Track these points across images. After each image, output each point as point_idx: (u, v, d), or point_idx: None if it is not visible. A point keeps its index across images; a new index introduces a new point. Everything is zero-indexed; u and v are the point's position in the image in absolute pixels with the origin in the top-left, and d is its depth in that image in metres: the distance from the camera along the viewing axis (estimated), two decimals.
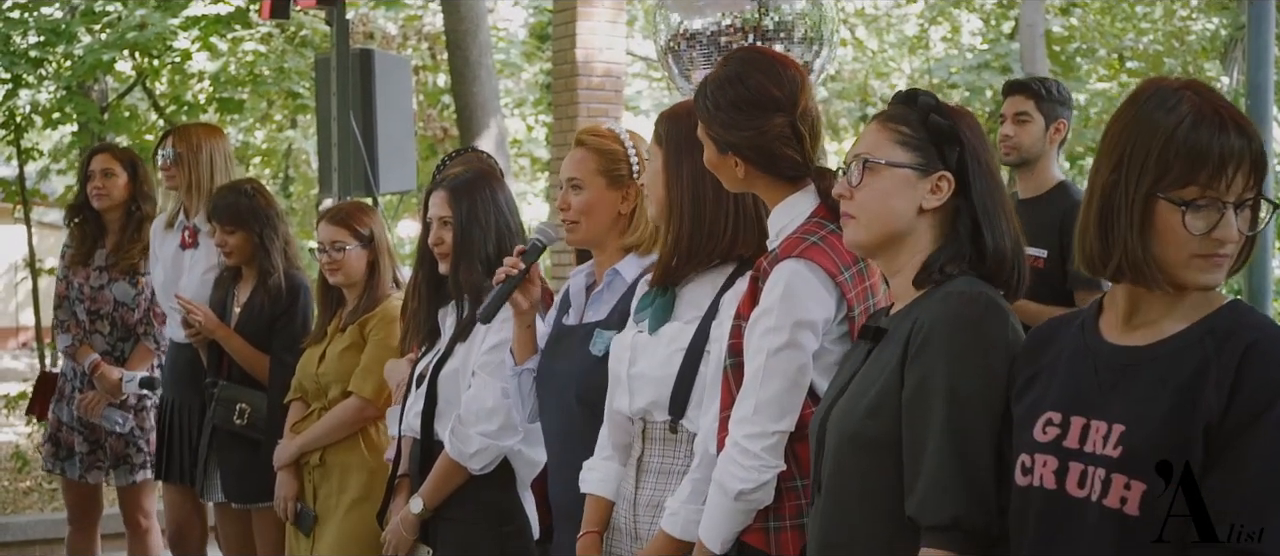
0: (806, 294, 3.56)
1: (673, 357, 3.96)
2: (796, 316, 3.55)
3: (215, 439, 6.62)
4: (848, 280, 3.59)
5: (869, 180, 3.19)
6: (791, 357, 3.56)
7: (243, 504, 6.54)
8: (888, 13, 28.62)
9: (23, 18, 14.54)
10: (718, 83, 3.80)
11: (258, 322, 6.62)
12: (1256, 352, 2.59)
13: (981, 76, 22.23)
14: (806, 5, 6.41)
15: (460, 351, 5.08)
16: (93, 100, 15.50)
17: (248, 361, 6.60)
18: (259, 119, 23.49)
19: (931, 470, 2.90)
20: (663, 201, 4.02)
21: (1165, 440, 2.61)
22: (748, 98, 3.75)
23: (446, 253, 5.08)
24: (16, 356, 27.28)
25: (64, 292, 7.67)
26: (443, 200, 5.12)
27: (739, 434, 3.59)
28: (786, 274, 3.58)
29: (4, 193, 15.90)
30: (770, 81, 3.77)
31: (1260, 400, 2.56)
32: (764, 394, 3.57)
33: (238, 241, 6.63)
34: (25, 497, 12.07)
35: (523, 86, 26.47)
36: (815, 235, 3.61)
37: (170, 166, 7.20)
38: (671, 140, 4.01)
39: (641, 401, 4.02)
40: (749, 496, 3.59)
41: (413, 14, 22.89)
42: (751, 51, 4.00)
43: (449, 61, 15.71)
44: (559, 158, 12.30)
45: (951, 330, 2.95)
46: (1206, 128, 2.64)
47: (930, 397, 2.93)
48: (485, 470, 4.96)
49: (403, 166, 9.30)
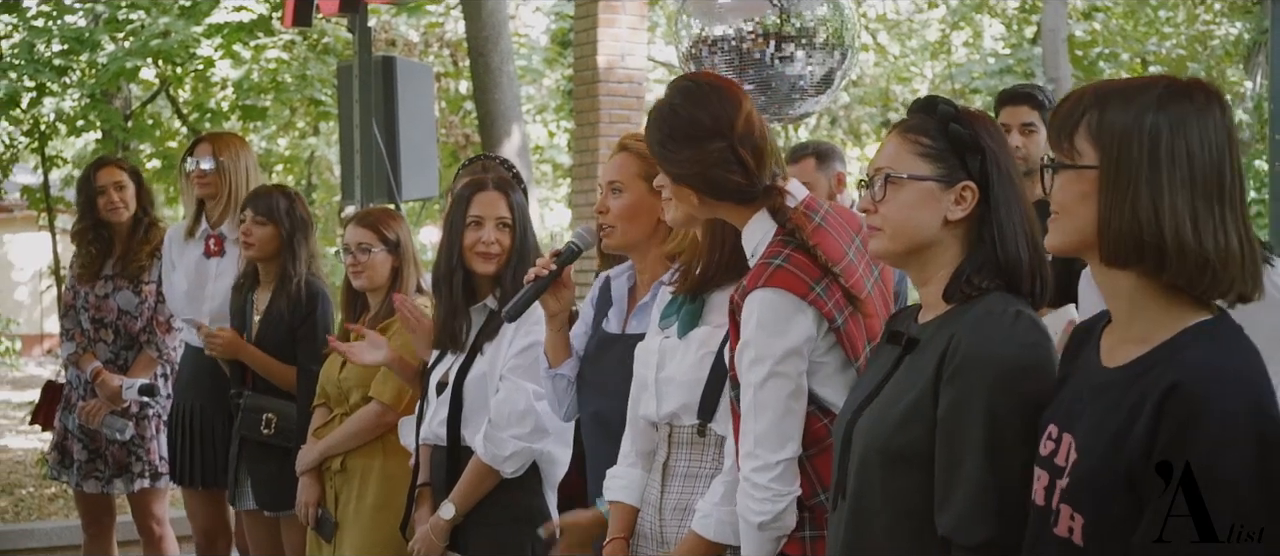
0: (781, 321, 3.59)
1: (703, 361, 3.97)
2: (775, 346, 3.58)
3: (244, 449, 6.63)
4: (821, 294, 3.60)
5: (892, 194, 3.16)
6: (779, 386, 3.58)
7: (274, 512, 6.54)
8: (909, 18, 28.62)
9: (47, 26, 14.61)
10: (656, 117, 3.87)
11: (279, 330, 6.62)
12: (1173, 400, 2.50)
13: (1004, 81, 22.17)
14: (828, 11, 6.40)
15: (487, 352, 5.08)
16: (116, 108, 15.56)
17: (272, 374, 6.62)
18: (282, 126, 23.54)
19: (968, 491, 2.86)
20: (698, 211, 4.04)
21: (1101, 477, 2.59)
22: (682, 129, 3.80)
23: (498, 253, 5.08)
24: (41, 363, 27.36)
25: (71, 302, 7.68)
26: (498, 201, 5.11)
27: (747, 469, 3.63)
28: (757, 305, 3.60)
29: (29, 200, 15.96)
30: (701, 110, 3.81)
31: (1172, 456, 2.49)
32: (760, 427, 3.60)
33: (265, 235, 6.63)
34: (50, 504, 12.10)
35: (544, 92, 26.52)
36: (778, 257, 3.63)
37: (208, 175, 7.21)
38: None
39: (670, 405, 4.03)
40: (770, 527, 3.62)
41: (434, 21, 22.93)
42: (686, 80, 4.01)
43: (471, 68, 15.73)
44: (581, 164, 12.33)
45: (990, 351, 2.91)
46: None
47: (967, 417, 2.88)
48: (517, 473, 4.98)
49: (425, 173, 9.31)
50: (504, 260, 5.08)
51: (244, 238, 6.65)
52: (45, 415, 7.90)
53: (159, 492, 7.72)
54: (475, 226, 5.09)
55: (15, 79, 13.97)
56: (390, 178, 8.95)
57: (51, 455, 7.91)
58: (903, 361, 3.13)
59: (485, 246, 5.07)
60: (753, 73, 6.29)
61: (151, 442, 7.54)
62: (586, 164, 12.23)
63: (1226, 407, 2.46)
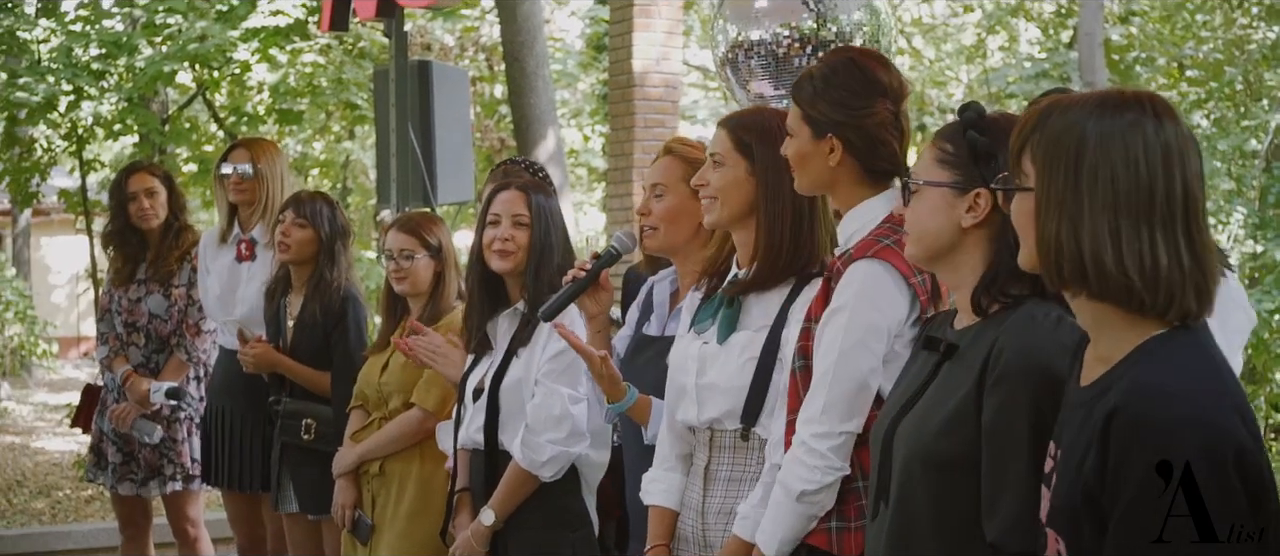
0: (880, 294, 3.57)
1: (746, 366, 3.97)
2: (869, 317, 3.56)
3: (285, 453, 6.65)
4: (921, 283, 3.59)
5: (914, 199, 3.20)
6: (862, 359, 3.56)
7: (318, 515, 6.55)
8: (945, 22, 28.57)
9: (85, 30, 14.66)
10: (827, 67, 3.84)
11: (313, 335, 6.64)
12: (1114, 425, 2.49)
13: (1039, 86, 22.10)
14: (864, 15, 6.40)
15: (522, 357, 5.09)
16: (153, 112, 15.59)
17: (308, 382, 6.63)
18: (317, 130, 23.59)
19: (1015, 499, 2.85)
20: (741, 211, 4.04)
21: (1071, 502, 2.58)
22: (859, 79, 3.78)
23: (514, 251, 5.08)
24: (78, 366, 27.47)
25: (106, 305, 7.74)
26: (517, 199, 5.11)
27: (806, 433, 3.59)
28: (861, 274, 3.59)
29: (66, 204, 16.01)
30: (880, 69, 3.81)
31: (1118, 487, 2.47)
32: (832, 394, 3.57)
33: (304, 238, 6.65)
34: (87, 506, 12.16)
35: (579, 97, 26.52)
36: (889, 238, 3.61)
37: (246, 181, 7.24)
38: (764, 151, 4.03)
39: (713, 411, 4.03)
40: (811, 497, 3.59)
41: (470, 25, 22.96)
42: (858, 48, 4.01)
43: (506, 72, 15.75)
44: (616, 168, 12.33)
45: (1033, 357, 2.90)
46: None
47: (1012, 424, 2.88)
48: (555, 477, 4.99)
49: (460, 177, 9.32)
50: (521, 258, 5.09)
51: (282, 238, 6.65)
52: (84, 418, 7.93)
53: (192, 495, 7.75)
54: (492, 225, 5.11)
55: (53, 83, 14.02)
56: (426, 182, 8.96)
57: (89, 457, 7.96)
58: (942, 367, 3.13)
59: (501, 244, 5.08)
60: (789, 77, 6.28)
61: (183, 445, 7.57)
62: (621, 168, 12.23)
63: (1167, 428, 2.44)
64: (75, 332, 30.62)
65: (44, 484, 13.38)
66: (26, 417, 19.11)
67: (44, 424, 18.28)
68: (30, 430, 17.73)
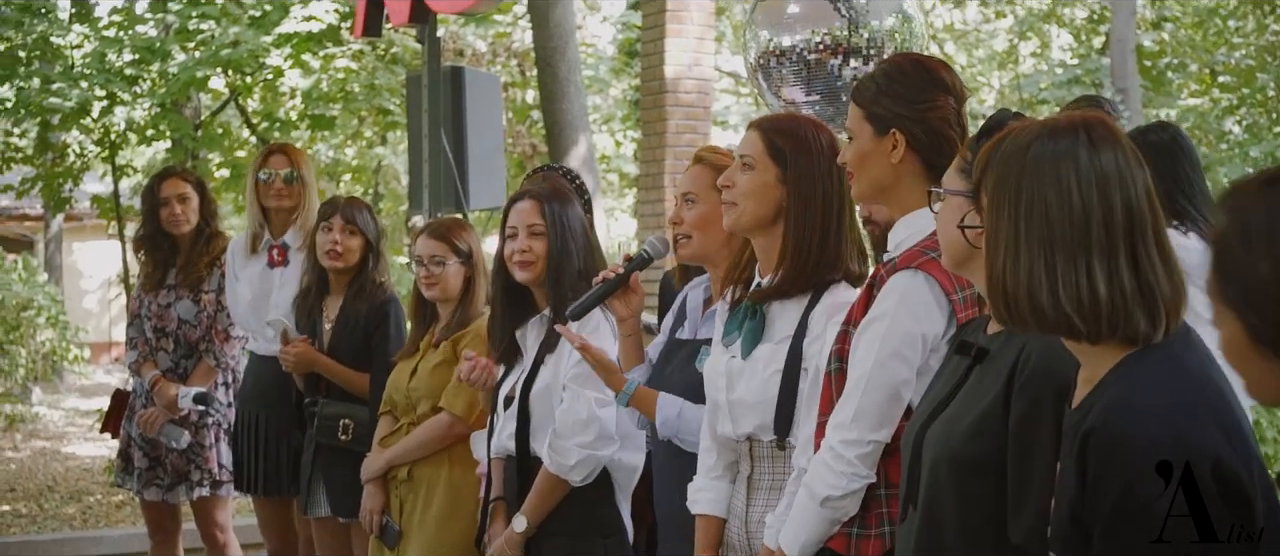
0: (919, 306, 3.56)
1: (771, 380, 3.98)
2: (907, 327, 3.55)
3: (319, 455, 6.65)
4: (961, 300, 3.57)
5: (940, 207, 3.23)
6: (897, 369, 3.55)
7: (349, 518, 6.55)
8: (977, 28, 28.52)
9: (118, 36, 14.73)
10: (889, 66, 3.85)
11: (354, 337, 6.64)
12: (1090, 447, 2.50)
13: (1072, 92, 22.07)
14: (896, 22, 6.39)
15: (550, 364, 5.09)
16: (186, 117, 15.65)
17: (347, 382, 6.63)
18: (349, 136, 23.64)
19: (1040, 502, 2.85)
20: (766, 217, 4.05)
21: (1061, 524, 2.59)
22: (922, 76, 3.78)
23: (532, 261, 5.09)
24: (109, 371, 27.57)
25: (136, 310, 7.73)
26: (531, 210, 5.13)
27: (835, 439, 3.59)
28: (903, 284, 3.58)
29: (99, 209, 16.08)
30: (942, 70, 3.82)
31: (1096, 505, 2.47)
32: (866, 401, 3.56)
33: (356, 246, 6.68)
34: (118, 511, 12.19)
35: (610, 102, 26.54)
36: (934, 250, 3.57)
37: (287, 186, 7.26)
38: (797, 157, 4.03)
39: (747, 426, 4.05)
40: (835, 502, 3.58)
41: (502, 31, 22.99)
42: (919, 53, 4.01)
43: (538, 78, 15.77)
44: (648, 174, 12.32)
45: (1060, 363, 2.90)
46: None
47: (1038, 428, 2.89)
48: (585, 481, 4.98)
49: (492, 183, 9.33)
50: (541, 267, 5.10)
51: (333, 247, 6.65)
52: (114, 423, 7.94)
53: (221, 500, 7.75)
54: (511, 237, 5.14)
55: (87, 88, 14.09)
56: (458, 187, 8.97)
57: (117, 463, 7.97)
58: (973, 372, 3.13)
59: (520, 255, 5.10)
60: (821, 83, 6.27)
61: (210, 450, 7.57)
62: (653, 174, 12.22)
63: (1139, 447, 2.45)
64: (107, 338, 30.73)
65: (75, 489, 13.43)
66: (58, 423, 19.19)
67: (75, 429, 18.35)
68: (61, 435, 17.80)
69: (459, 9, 9.77)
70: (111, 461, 10.00)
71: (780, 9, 6.45)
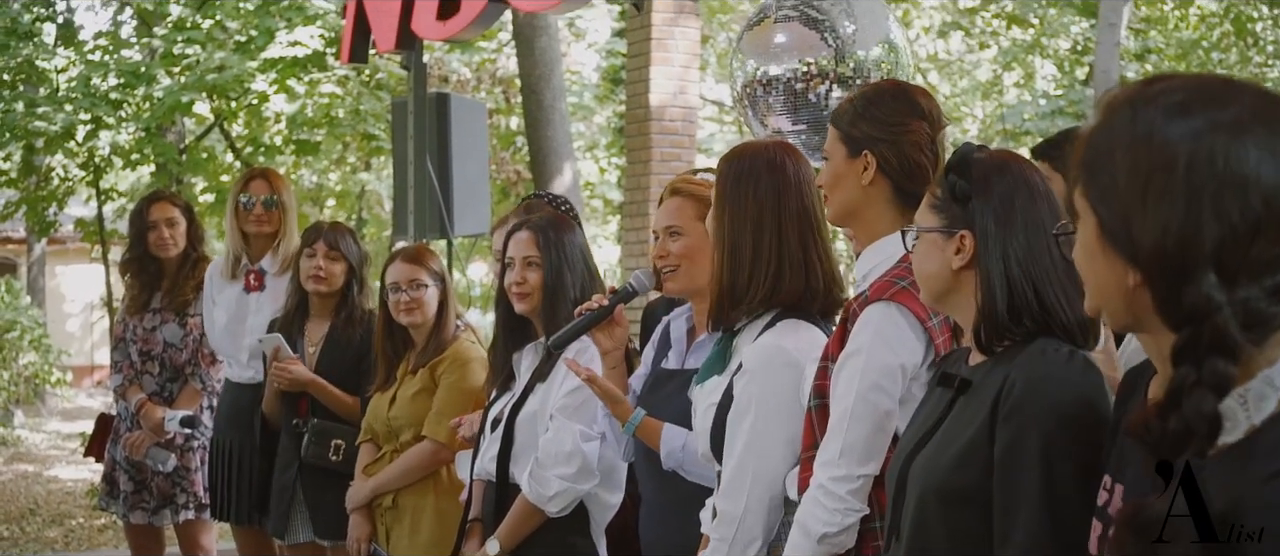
0: (896, 337, 3.55)
1: (708, 412, 4.05)
2: (885, 359, 3.54)
3: (303, 476, 6.63)
4: (936, 326, 3.57)
5: (915, 245, 3.25)
6: (879, 401, 3.54)
7: (334, 541, 6.53)
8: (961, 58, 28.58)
9: (103, 60, 14.73)
10: (871, 89, 3.89)
11: (342, 360, 6.64)
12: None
13: (1055, 123, 22.12)
14: (882, 51, 6.41)
15: (539, 392, 5.09)
16: (170, 142, 15.64)
17: (336, 404, 6.62)
18: (334, 161, 23.63)
19: (1026, 533, 2.85)
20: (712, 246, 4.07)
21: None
22: (899, 101, 3.80)
23: (529, 293, 5.10)
24: (92, 394, 27.52)
25: (121, 334, 7.73)
26: (527, 241, 5.13)
27: (824, 476, 3.58)
28: (877, 316, 3.58)
29: (82, 233, 16.07)
30: (920, 96, 3.83)
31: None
32: (851, 437, 3.55)
33: (339, 271, 6.68)
34: (100, 534, 12.17)
35: (595, 129, 26.56)
36: (906, 279, 3.58)
37: (267, 211, 7.25)
38: (720, 184, 4.07)
39: (702, 450, 4.11)
40: (833, 539, 3.58)
41: (487, 57, 23.01)
42: (902, 81, 4.04)
43: (523, 105, 15.80)
44: (632, 201, 12.32)
45: (1044, 391, 2.91)
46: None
47: (1023, 458, 2.88)
48: (562, 513, 4.98)
49: (477, 209, 9.34)
50: (538, 298, 5.11)
51: (317, 272, 6.66)
52: (98, 446, 7.93)
53: (205, 524, 7.74)
54: (509, 268, 5.14)
55: (71, 112, 14.08)
56: (442, 213, 8.99)
57: (101, 486, 7.96)
58: (956, 403, 3.13)
59: (517, 287, 5.11)
60: (806, 112, 6.29)
61: (195, 474, 7.56)
62: (638, 202, 12.22)
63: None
64: (89, 361, 30.68)
65: (57, 512, 13.40)
66: (40, 446, 19.15)
67: (57, 452, 18.31)
68: (44, 458, 17.76)
69: (444, 36, 9.78)
70: (94, 485, 10.00)
71: (767, 38, 6.47)
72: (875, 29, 6.44)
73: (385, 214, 25.34)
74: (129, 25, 17.19)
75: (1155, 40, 24.49)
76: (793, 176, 4.05)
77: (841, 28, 6.32)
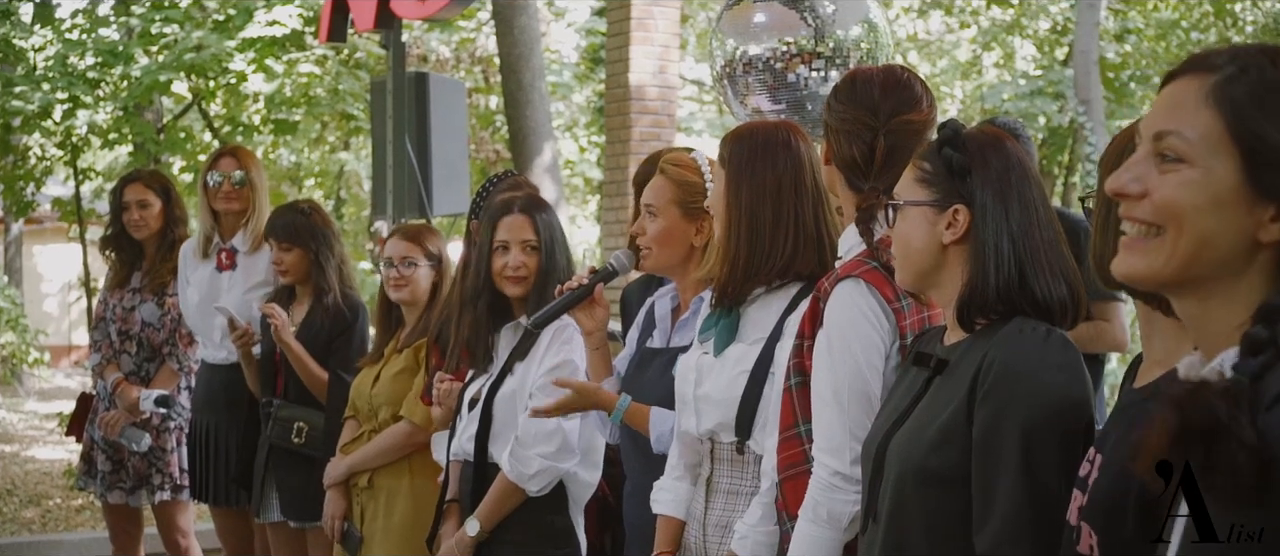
0: (867, 315, 3.54)
1: (737, 379, 3.97)
2: (867, 334, 3.53)
3: (272, 457, 6.63)
4: (904, 308, 3.57)
5: (898, 220, 3.22)
6: (867, 378, 3.52)
7: (301, 523, 6.54)
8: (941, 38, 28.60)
9: (81, 39, 14.64)
10: (853, 76, 3.87)
11: (317, 342, 6.62)
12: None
13: (1035, 103, 22.16)
14: (861, 32, 6.39)
15: (518, 372, 5.09)
16: (148, 121, 15.58)
17: (306, 374, 6.59)
18: (312, 140, 23.57)
19: (1005, 511, 2.86)
20: (723, 221, 4.05)
21: (1114, 498, 2.53)
22: (856, 92, 3.77)
23: (526, 277, 5.09)
24: (70, 375, 27.46)
25: (101, 314, 7.73)
26: (524, 225, 5.11)
27: (836, 463, 3.50)
28: (848, 293, 3.57)
29: (60, 212, 16.00)
30: (877, 86, 3.76)
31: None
32: (847, 417, 3.51)
33: (294, 259, 6.66)
34: (78, 515, 12.13)
35: (574, 108, 26.53)
36: (871, 262, 3.59)
37: (236, 189, 7.23)
38: (733, 160, 4.04)
39: (708, 423, 4.03)
40: (855, 526, 3.52)
41: (466, 37, 22.97)
42: (886, 67, 4.02)
43: (503, 85, 15.76)
44: (612, 181, 12.33)
45: (1023, 370, 2.90)
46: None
47: (1002, 437, 2.88)
48: (542, 492, 4.98)
49: (456, 189, 9.32)
50: (532, 282, 5.09)
51: (276, 266, 6.70)
52: (78, 426, 7.92)
53: (182, 505, 7.72)
54: (502, 251, 5.11)
55: (48, 91, 14.00)
56: (422, 193, 8.96)
57: (80, 466, 7.94)
58: (933, 383, 3.13)
59: (513, 271, 5.09)
60: (786, 92, 6.27)
61: (172, 455, 7.55)
62: (617, 181, 12.23)
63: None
64: (67, 341, 30.61)
65: (34, 492, 13.35)
66: (17, 426, 19.08)
67: (35, 433, 18.25)
68: (21, 438, 17.70)
69: (424, 15, 9.74)
70: (71, 465, 9.98)
71: (747, 18, 6.45)
72: (855, 9, 6.42)
73: (364, 193, 25.31)
74: (107, 4, 17.09)
75: (1135, 20, 24.50)
76: (804, 154, 4.06)
77: (821, 7, 6.30)
